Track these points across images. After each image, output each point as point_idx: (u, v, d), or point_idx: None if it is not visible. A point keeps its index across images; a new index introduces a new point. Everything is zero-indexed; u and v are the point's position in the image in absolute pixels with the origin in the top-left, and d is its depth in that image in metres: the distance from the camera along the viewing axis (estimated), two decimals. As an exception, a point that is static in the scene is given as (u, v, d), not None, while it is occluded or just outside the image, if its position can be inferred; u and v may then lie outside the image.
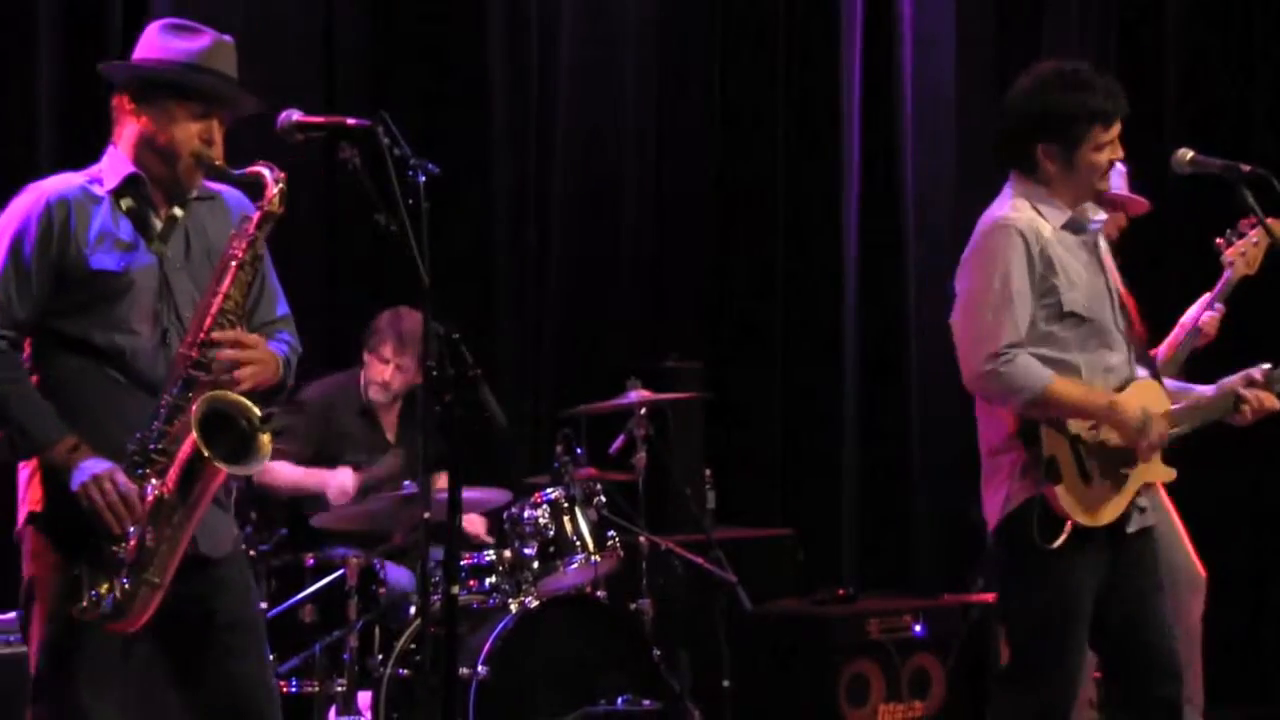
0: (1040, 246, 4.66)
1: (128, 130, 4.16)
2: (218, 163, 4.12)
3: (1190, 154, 4.84)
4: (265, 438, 4.02)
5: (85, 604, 3.91)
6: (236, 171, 4.13)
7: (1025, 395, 4.61)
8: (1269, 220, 5.27)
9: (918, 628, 6.99)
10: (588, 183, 8.18)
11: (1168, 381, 5.12)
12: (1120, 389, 4.72)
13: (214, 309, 4.01)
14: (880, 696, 6.91)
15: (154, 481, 3.94)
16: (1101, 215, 4.86)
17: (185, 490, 3.96)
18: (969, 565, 8.14)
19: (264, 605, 5.92)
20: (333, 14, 7.49)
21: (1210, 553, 6.11)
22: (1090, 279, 4.75)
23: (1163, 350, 5.83)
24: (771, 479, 8.59)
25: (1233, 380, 4.92)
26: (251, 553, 5.95)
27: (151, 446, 3.97)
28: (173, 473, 3.95)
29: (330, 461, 6.41)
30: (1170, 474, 4.86)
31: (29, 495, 4.07)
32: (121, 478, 3.94)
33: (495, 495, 6.24)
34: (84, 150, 6.43)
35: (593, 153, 8.22)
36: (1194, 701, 6.15)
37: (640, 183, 8.35)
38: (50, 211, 4.05)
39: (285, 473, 6.30)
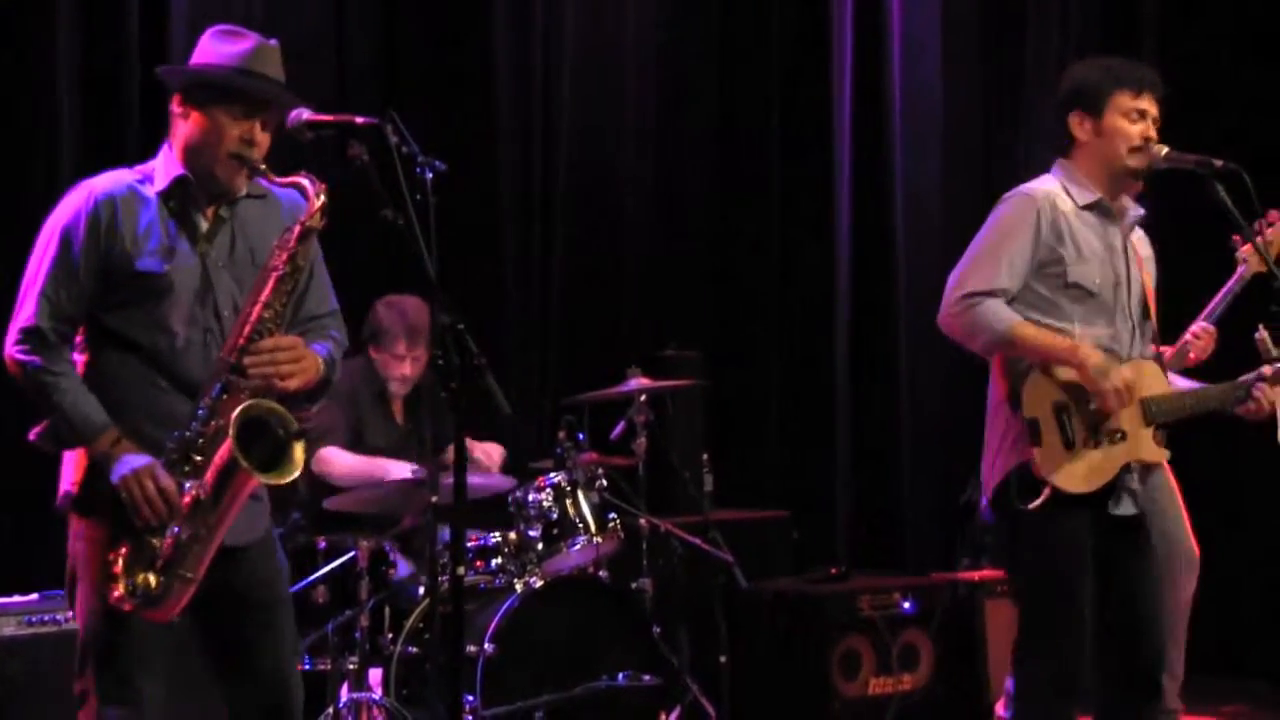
0: (1054, 217, 4.73)
1: (179, 130, 4.13)
2: (260, 166, 4.09)
3: (1165, 149, 4.83)
4: (299, 448, 4.00)
5: (121, 592, 3.93)
6: (280, 180, 4.10)
7: (988, 335, 4.67)
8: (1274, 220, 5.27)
9: (907, 604, 6.97)
10: (590, 178, 8.17)
11: (1179, 379, 5.10)
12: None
13: (254, 317, 4.00)
14: (871, 670, 6.89)
15: (191, 482, 3.95)
16: (1139, 210, 4.88)
17: (220, 493, 3.96)
18: (956, 544, 8.15)
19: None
20: (344, 14, 7.47)
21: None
22: (1108, 260, 4.77)
23: (1168, 351, 5.85)
24: (767, 463, 8.58)
25: (1248, 376, 4.93)
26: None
27: (191, 447, 3.98)
28: (210, 475, 3.95)
29: (354, 444, 6.38)
30: (1164, 454, 4.84)
31: (69, 474, 4.09)
32: (162, 473, 3.95)
33: (500, 481, 6.20)
34: (104, 153, 6.46)
35: (595, 149, 8.20)
36: (1174, 672, 6.13)
37: (640, 178, 8.34)
38: (98, 209, 4.04)
39: (343, 461, 6.25)
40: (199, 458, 3.97)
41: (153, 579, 3.92)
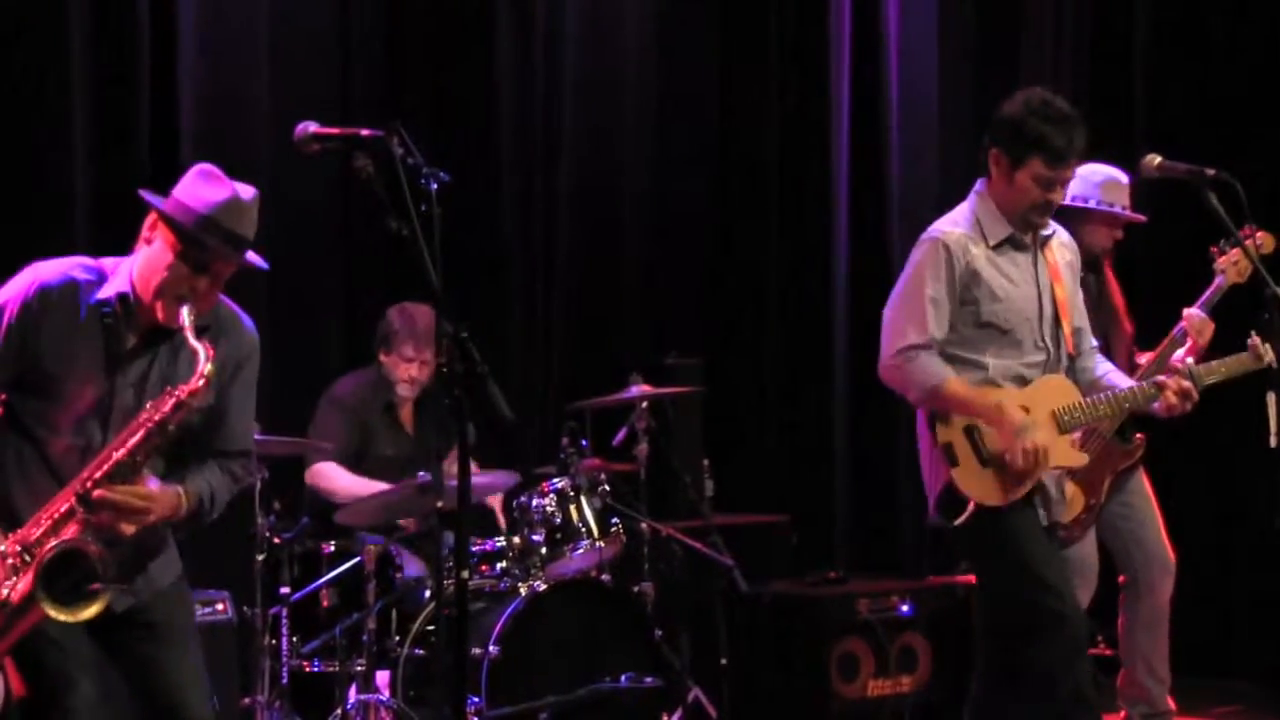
0: (966, 261, 4.78)
1: (144, 249, 4.11)
2: (184, 323, 4.01)
3: (1158, 159, 4.83)
4: (101, 600, 3.92)
5: None
6: (190, 343, 4.00)
7: (921, 390, 4.79)
8: (1253, 233, 5.27)
9: (905, 607, 6.96)
10: (591, 187, 8.16)
11: (1121, 379, 5.10)
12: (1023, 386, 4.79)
13: (114, 459, 3.97)
14: (870, 673, 6.88)
15: (10, 580, 3.92)
16: (1050, 227, 4.90)
17: (22, 607, 3.91)
18: (951, 548, 8.15)
19: (286, 590, 5.94)
20: (349, 28, 7.48)
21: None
22: (1022, 293, 4.81)
23: (1148, 357, 5.83)
24: (767, 468, 8.56)
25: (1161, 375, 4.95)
26: (276, 540, 5.96)
27: (29, 549, 3.95)
28: (22, 587, 3.91)
29: (360, 454, 6.39)
30: (1082, 459, 4.90)
31: None
32: None
33: (503, 478, 6.22)
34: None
35: (596, 157, 8.20)
36: (1159, 674, 6.12)
37: (641, 187, 8.33)
38: (31, 301, 4.05)
39: (344, 482, 6.25)
40: (29, 560, 3.93)
41: None
